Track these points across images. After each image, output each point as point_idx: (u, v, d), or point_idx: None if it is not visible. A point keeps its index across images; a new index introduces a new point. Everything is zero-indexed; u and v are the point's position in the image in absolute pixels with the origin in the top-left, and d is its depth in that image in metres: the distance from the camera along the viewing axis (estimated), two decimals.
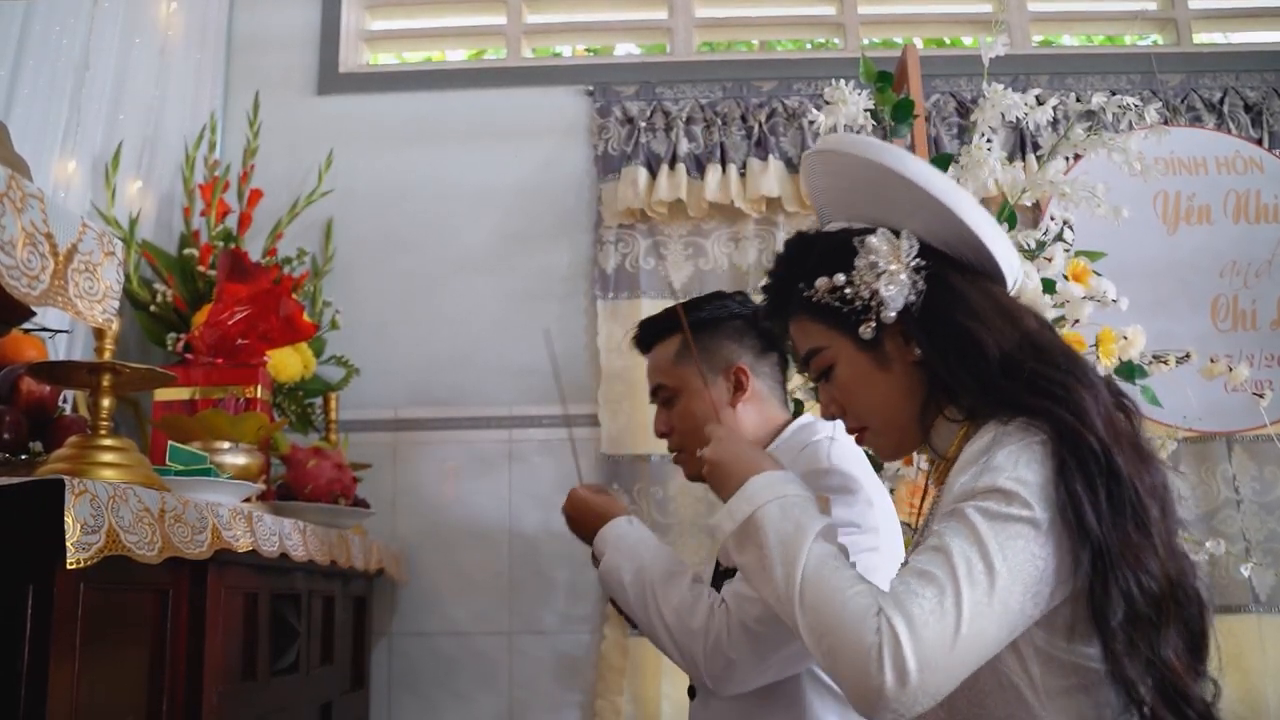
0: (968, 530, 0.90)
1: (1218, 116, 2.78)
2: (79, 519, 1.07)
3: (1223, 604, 2.48)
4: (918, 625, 0.85)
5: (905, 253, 1.05)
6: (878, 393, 1.11)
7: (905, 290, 1.04)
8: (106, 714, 1.23)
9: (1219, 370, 2.05)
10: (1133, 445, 0.97)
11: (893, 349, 1.08)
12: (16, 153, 0.98)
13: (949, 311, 1.04)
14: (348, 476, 2.14)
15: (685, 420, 1.60)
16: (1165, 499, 0.96)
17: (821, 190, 1.16)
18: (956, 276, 1.06)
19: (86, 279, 0.94)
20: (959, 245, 1.07)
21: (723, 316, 1.62)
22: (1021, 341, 1.01)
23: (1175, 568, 0.93)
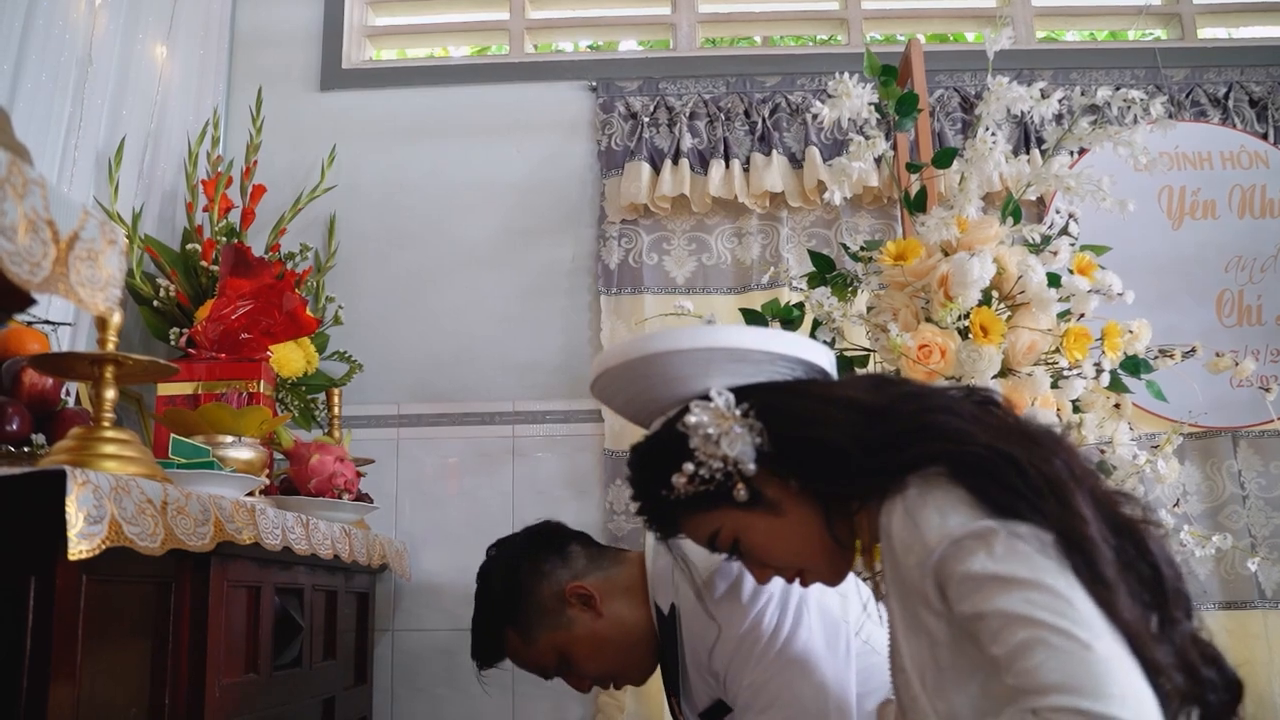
0: (993, 585, 0.87)
1: (1223, 111, 2.77)
2: (81, 510, 1.07)
3: (1228, 600, 2.48)
4: (1068, 685, 0.80)
5: (726, 408, 1.07)
6: (787, 539, 1.12)
7: (748, 439, 1.06)
8: (108, 707, 1.23)
9: (1225, 365, 2.04)
10: (1020, 434, 0.98)
11: (774, 493, 1.09)
12: (18, 140, 0.97)
13: (791, 435, 1.06)
14: (351, 471, 2.13)
15: (588, 667, 1.59)
16: (1075, 467, 0.96)
17: (624, 405, 1.20)
18: (778, 397, 1.09)
19: (88, 266, 0.93)
20: (765, 372, 1.10)
21: (512, 579, 1.60)
22: (862, 417, 1.03)
23: (1112, 526, 0.92)
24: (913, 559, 0.94)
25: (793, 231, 2.73)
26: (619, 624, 1.56)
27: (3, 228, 0.83)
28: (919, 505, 0.95)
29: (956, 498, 0.93)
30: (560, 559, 1.61)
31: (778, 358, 1.10)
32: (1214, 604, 2.47)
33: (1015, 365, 1.80)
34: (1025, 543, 0.88)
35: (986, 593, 0.88)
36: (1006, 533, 0.89)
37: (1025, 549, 0.88)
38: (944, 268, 1.82)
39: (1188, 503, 2.51)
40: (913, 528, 0.94)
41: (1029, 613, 0.84)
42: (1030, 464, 0.92)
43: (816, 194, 2.67)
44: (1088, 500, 0.93)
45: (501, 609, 1.60)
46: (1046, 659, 0.82)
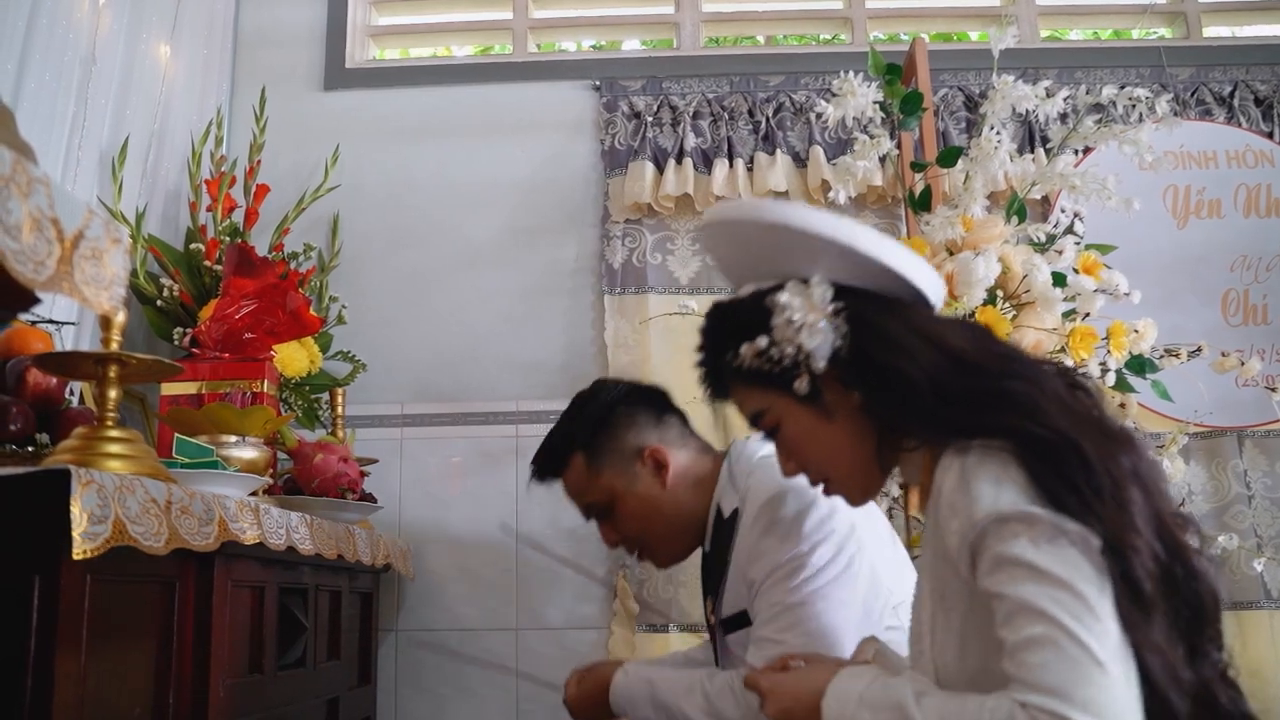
0: (1026, 572, 0.86)
1: (1228, 110, 2.76)
2: (85, 509, 1.07)
3: (1234, 600, 2.47)
4: (1066, 690, 0.80)
5: (819, 300, 1.04)
6: (827, 444, 1.10)
7: (828, 338, 1.03)
8: (113, 706, 1.23)
9: (1230, 364, 2.04)
10: (1098, 427, 0.94)
11: (833, 398, 1.07)
12: (22, 138, 0.97)
13: (873, 351, 1.02)
14: (354, 471, 2.13)
15: (629, 523, 1.60)
16: (1144, 475, 0.92)
17: (725, 259, 1.17)
18: (875, 311, 1.04)
19: (93, 265, 0.93)
20: (873, 279, 1.06)
21: (606, 412, 1.61)
22: (949, 363, 0.99)
23: (1166, 545, 0.89)
24: (955, 524, 0.93)
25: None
26: (675, 503, 1.57)
27: (7, 226, 0.83)
28: (976, 473, 0.92)
29: (1014, 477, 0.90)
30: (654, 419, 1.61)
31: (889, 272, 1.05)
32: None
33: None
34: (1070, 541, 0.86)
35: (1015, 577, 0.86)
36: (1054, 526, 0.87)
37: (1068, 547, 0.86)
38: (949, 267, 1.82)
39: (1193, 503, 2.50)
40: (964, 494, 0.92)
41: (1050, 610, 0.84)
42: (1098, 460, 0.89)
43: (821, 193, 2.66)
44: (1147, 513, 0.90)
45: (583, 433, 1.60)
46: (1053, 660, 0.82)
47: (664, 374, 2.61)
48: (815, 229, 1.03)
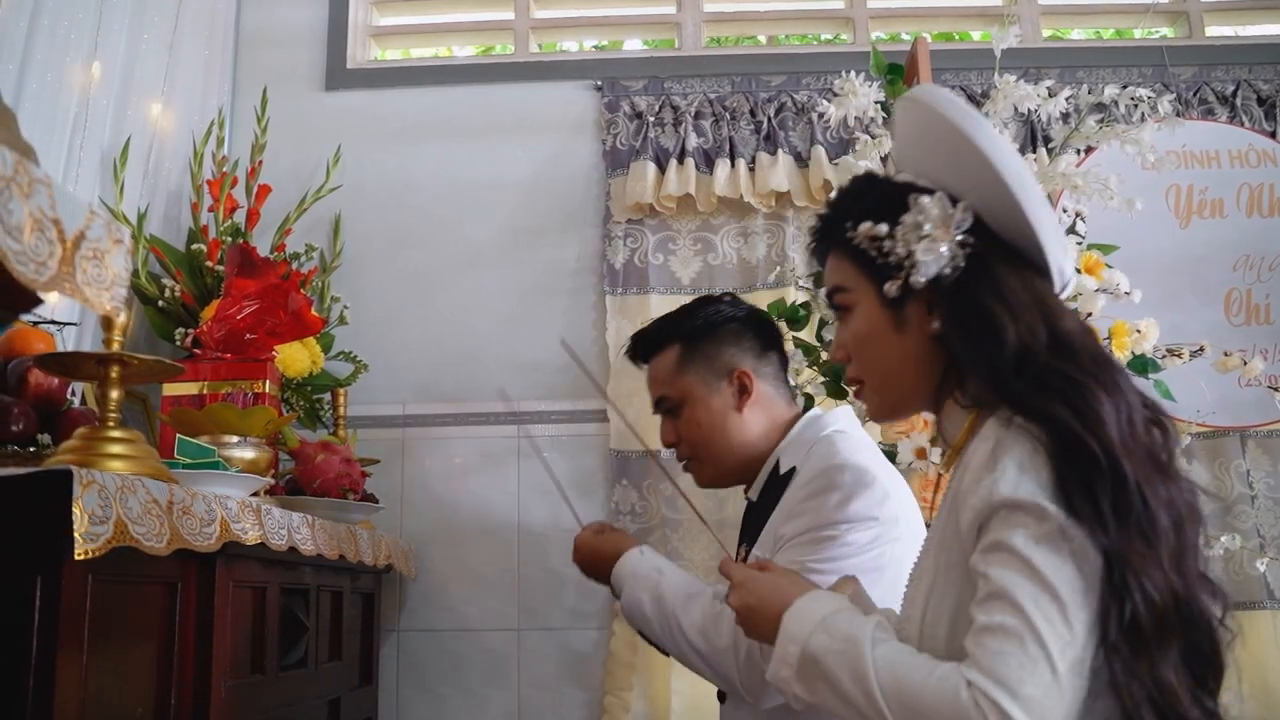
0: (1018, 564, 0.87)
1: (1230, 109, 2.76)
2: (87, 510, 1.07)
3: (1237, 600, 2.47)
4: (1013, 685, 0.83)
5: (955, 223, 1.01)
6: (886, 352, 1.08)
7: (942, 261, 1.00)
8: (114, 707, 1.23)
9: (1233, 364, 2.03)
10: (1152, 458, 0.92)
11: (913, 315, 1.05)
12: (24, 139, 0.97)
13: (980, 292, 1.00)
14: (356, 471, 2.13)
15: (693, 429, 1.59)
16: (1183, 518, 0.91)
17: (901, 138, 1.13)
18: (1001, 262, 1.01)
19: (94, 266, 0.93)
20: (1015, 233, 1.02)
21: (718, 321, 1.61)
22: (1048, 339, 0.97)
23: (1185, 587, 0.89)
24: (973, 499, 0.92)
25: (798, 231, 2.73)
26: (742, 430, 1.57)
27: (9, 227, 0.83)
28: (1006, 451, 0.92)
29: (1040, 466, 0.90)
30: (758, 349, 1.61)
31: (1033, 237, 1.01)
32: None
33: None
34: (1071, 548, 0.87)
35: (1005, 564, 0.87)
36: (1060, 528, 0.87)
37: (1066, 553, 0.86)
38: None
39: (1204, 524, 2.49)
40: (989, 472, 0.92)
41: (1026, 606, 0.85)
42: (1135, 484, 0.88)
43: (822, 193, 2.66)
44: (1173, 548, 0.90)
45: (689, 329, 1.60)
46: (1013, 653, 0.84)
47: None
48: (995, 159, 0.99)
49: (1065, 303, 1.05)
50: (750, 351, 1.60)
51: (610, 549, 1.56)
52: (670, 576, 1.48)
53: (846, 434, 1.51)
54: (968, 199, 1.02)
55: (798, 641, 0.98)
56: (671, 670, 2.43)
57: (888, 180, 1.10)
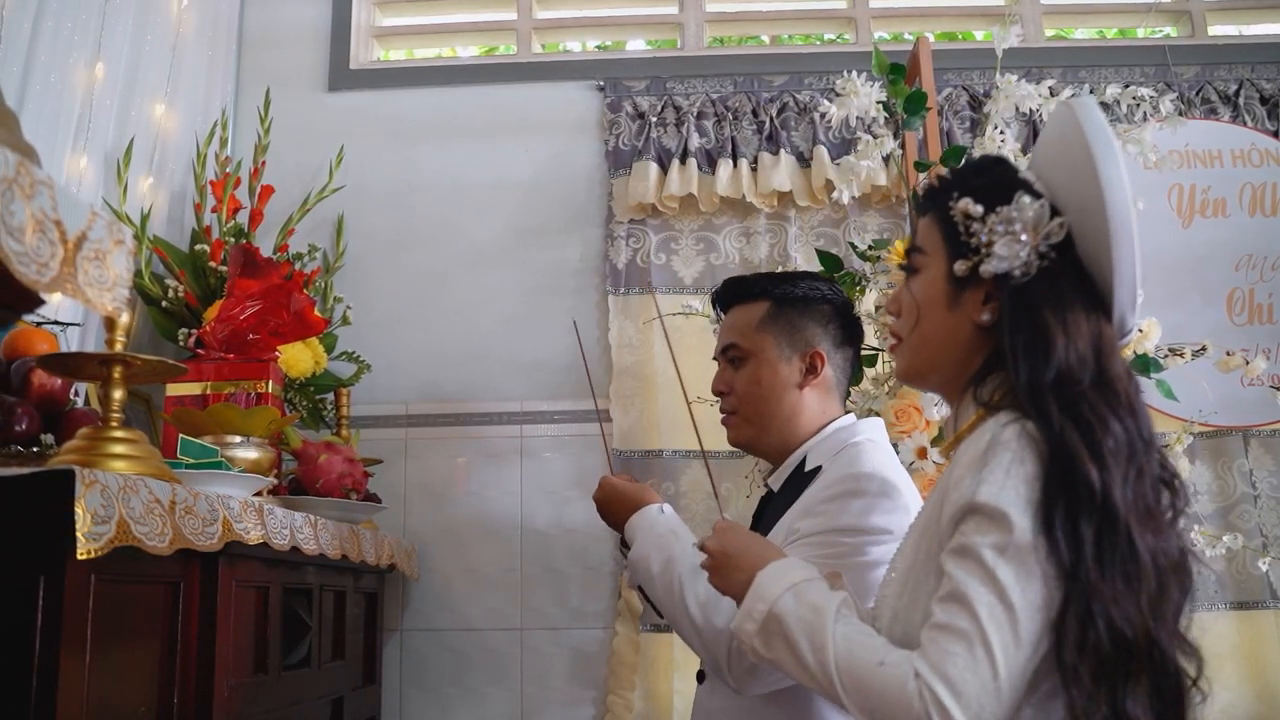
0: (980, 571, 0.91)
1: (1233, 109, 2.75)
2: (89, 509, 1.07)
3: (1239, 600, 2.47)
4: (957, 684, 0.87)
5: (1045, 233, 1.02)
6: (932, 321, 1.10)
7: (1016, 261, 1.02)
8: (117, 706, 1.24)
9: (1235, 363, 2.03)
10: (1148, 511, 0.94)
11: (970, 299, 1.07)
12: (26, 140, 0.97)
13: (1041, 304, 1.01)
14: (359, 471, 2.14)
15: (750, 386, 1.60)
16: (1167, 573, 0.93)
17: (1043, 138, 1.14)
18: (1072, 288, 1.02)
19: (96, 267, 0.94)
20: (1095, 267, 1.02)
21: (814, 297, 1.62)
22: (1095, 374, 0.98)
23: (1161, 632, 0.91)
24: (956, 494, 0.95)
25: (801, 230, 2.73)
26: (793, 406, 1.58)
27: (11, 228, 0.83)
28: (997, 454, 0.94)
29: (1028, 476, 0.92)
30: (838, 339, 1.62)
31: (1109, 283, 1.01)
32: (1225, 604, 2.46)
33: None
34: (1036, 560, 0.90)
35: (969, 569, 0.91)
36: (1030, 546, 0.90)
37: (1031, 565, 0.89)
38: None
39: (1199, 502, 2.49)
40: (977, 469, 0.94)
41: (982, 615, 0.89)
42: (1125, 527, 0.91)
43: (824, 193, 2.66)
44: (1150, 605, 0.91)
45: (785, 293, 1.61)
46: (960, 655, 0.88)
47: (668, 374, 2.62)
48: (1105, 184, 0.98)
49: (1120, 351, 1.05)
50: (831, 338, 1.61)
51: (632, 496, 1.56)
52: (684, 542, 1.47)
53: (877, 444, 1.52)
54: (1069, 217, 1.02)
55: (766, 600, 1.03)
56: (673, 669, 2.44)
57: (1009, 170, 1.11)
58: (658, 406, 2.62)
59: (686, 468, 2.61)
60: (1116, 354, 1.02)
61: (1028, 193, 1.04)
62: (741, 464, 2.55)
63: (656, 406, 2.62)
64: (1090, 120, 1.00)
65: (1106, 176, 0.98)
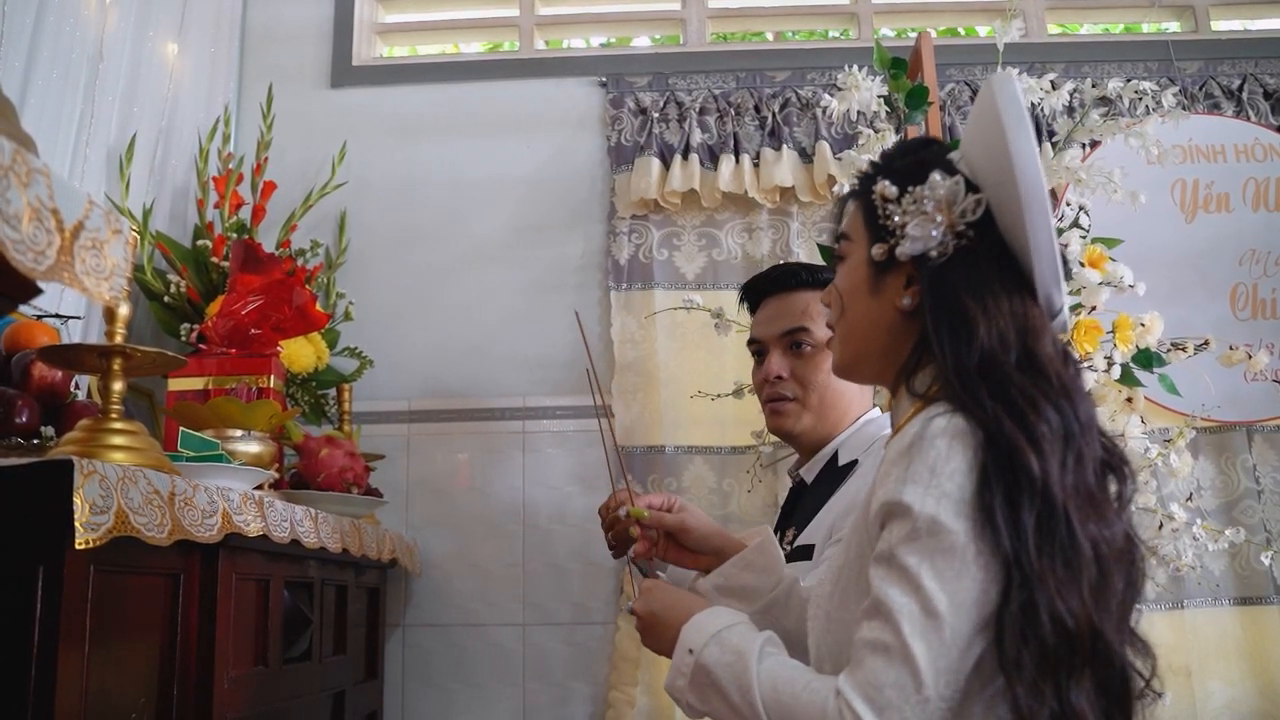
0: (902, 578, 0.88)
1: (1236, 104, 2.75)
2: (88, 499, 1.07)
3: (1243, 595, 2.46)
4: (877, 700, 0.85)
5: (959, 211, 0.99)
6: (856, 306, 1.09)
7: (931, 243, 0.99)
8: (117, 696, 1.24)
9: (1238, 358, 2.02)
10: (1090, 498, 0.91)
11: (891, 284, 1.04)
12: (23, 130, 0.97)
13: (960, 287, 0.98)
14: (360, 465, 2.14)
15: (817, 375, 1.63)
16: (1110, 561, 0.90)
17: (969, 117, 1.12)
18: (994, 267, 0.99)
19: (93, 256, 0.94)
20: (1016, 245, 0.99)
21: None
22: (1020, 356, 0.95)
23: (1105, 624, 0.87)
24: (881, 491, 0.92)
25: (803, 226, 2.72)
26: (852, 397, 1.63)
27: (6, 216, 0.83)
28: (922, 451, 0.91)
29: (958, 470, 0.89)
30: None
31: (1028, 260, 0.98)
32: (1228, 600, 2.46)
33: None
34: (966, 557, 0.86)
35: (892, 579, 0.88)
36: (958, 543, 0.87)
37: (957, 564, 0.87)
38: None
39: (1202, 498, 2.49)
40: (902, 468, 0.91)
41: (903, 625, 0.86)
42: (1064, 512, 0.87)
43: (827, 188, 2.66)
44: (1094, 582, 0.88)
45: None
46: (882, 670, 0.85)
47: (670, 369, 2.62)
48: (1015, 156, 0.95)
49: (1050, 328, 1.01)
50: None
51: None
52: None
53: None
54: (987, 193, 1.00)
55: (693, 653, 1.01)
56: None
57: (931, 150, 1.08)
58: (660, 402, 2.62)
59: (689, 463, 2.61)
60: (1046, 335, 0.99)
61: (943, 171, 1.01)
62: (743, 459, 2.55)
63: (659, 402, 2.62)
64: (1003, 94, 0.97)
65: (1017, 149, 0.95)
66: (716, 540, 1.39)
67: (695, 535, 1.39)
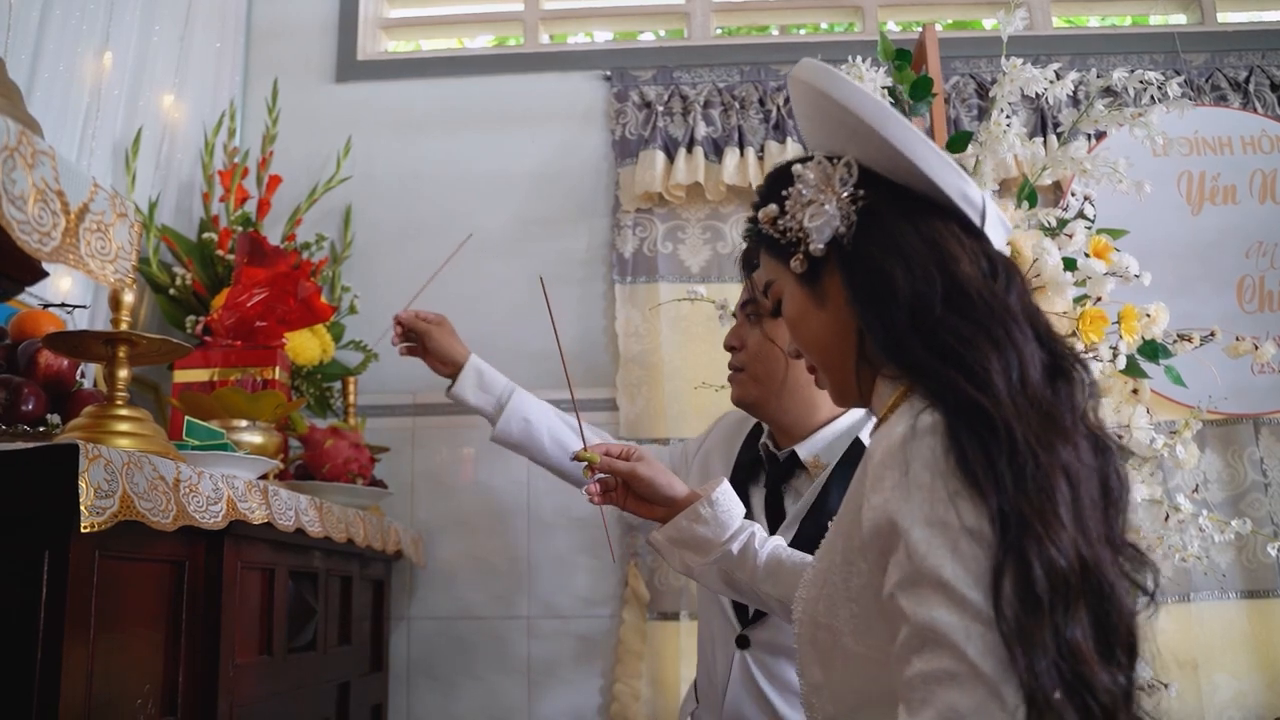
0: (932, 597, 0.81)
1: (1243, 95, 2.74)
2: (93, 484, 1.08)
3: (1250, 588, 2.45)
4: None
5: (839, 182, 0.98)
6: (814, 330, 1.05)
7: (833, 221, 0.98)
8: (122, 683, 1.24)
9: (1244, 349, 2.02)
10: (1047, 415, 0.86)
11: (830, 286, 1.02)
12: (29, 113, 0.98)
13: (870, 247, 0.97)
14: (365, 456, 2.14)
15: (762, 344, 1.65)
16: (1080, 478, 0.85)
17: (798, 118, 1.11)
18: (895, 211, 0.97)
19: (98, 238, 0.94)
20: (905, 175, 0.97)
21: None
22: (944, 288, 0.92)
23: (1091, 554, 0.82)
24: (879, 501, 0.87)
25: None
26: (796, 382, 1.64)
27: (12, 196, 0.84)
28: (918, 448, 0.86)
29: (942, 469, 0.84)
30: None
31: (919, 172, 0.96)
32: (1236, 592, 2.45)
33: None
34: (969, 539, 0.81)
35: (922, 597, 0.82)
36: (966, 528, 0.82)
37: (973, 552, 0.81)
38: None
39: (1208, 491, 2.48)
40: (896, 471, 0.86)
41: (960, 646, 0.78)
42: (1026, 445, 0.83)
43: None
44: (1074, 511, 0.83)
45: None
46: (959, 698, 0.77)
47: (674, 363, 2.63)
48: (848, 101, 0.95)
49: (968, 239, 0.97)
50: None
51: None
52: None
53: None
54: (850, 153, 1.00)
55: None
56: (680, 657, 2.44)
57: (780, 168, 1.09)
58: (664, 395, 2.62)
59: None
60: (963, 254, 0.95)
61: (801, 163, 1.02)
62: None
63: (663, 395, 2.62)
64: (805, 69, 1.00)
65: (840, 92, 0.96)
66: (668, 491, 1.39)
67: (646, 484, 1.40)
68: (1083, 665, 0.78)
